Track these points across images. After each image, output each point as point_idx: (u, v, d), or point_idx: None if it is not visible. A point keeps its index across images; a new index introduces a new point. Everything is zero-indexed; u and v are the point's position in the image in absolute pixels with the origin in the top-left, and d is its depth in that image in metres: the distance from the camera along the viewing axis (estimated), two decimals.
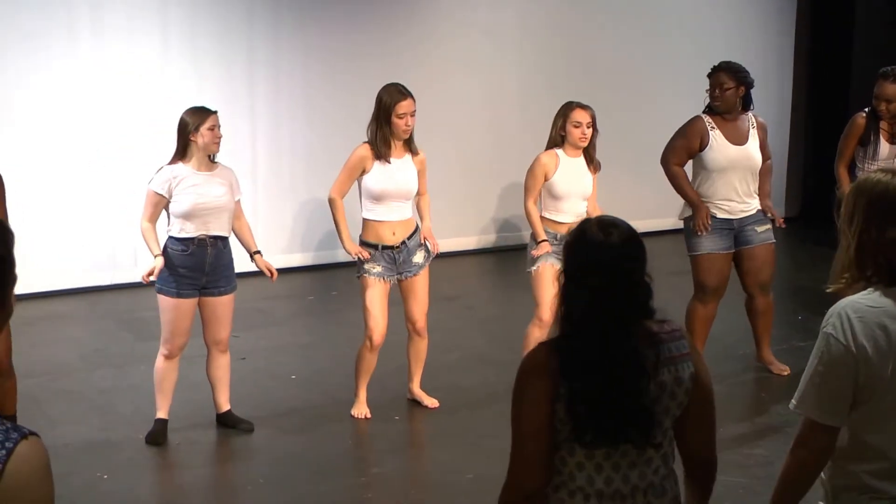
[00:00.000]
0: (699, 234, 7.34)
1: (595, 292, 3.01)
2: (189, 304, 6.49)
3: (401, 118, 6.68)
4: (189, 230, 6.41)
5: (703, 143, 7.30)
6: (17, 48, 9.64)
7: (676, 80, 12.31)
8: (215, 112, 6.50)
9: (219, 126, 6.47)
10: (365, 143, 6.81)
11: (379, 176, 6.73)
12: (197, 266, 6.44)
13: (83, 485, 6.04)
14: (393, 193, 6.77)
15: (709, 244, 7.39)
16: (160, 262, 6.37)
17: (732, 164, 7.29)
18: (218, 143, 6.47)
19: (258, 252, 6.74)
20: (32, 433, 2.16)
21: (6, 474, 2.09)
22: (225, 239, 6.56)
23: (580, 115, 7.02)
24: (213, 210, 6.43)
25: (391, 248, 6.82)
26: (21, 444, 2.11)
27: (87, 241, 10.06)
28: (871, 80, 7.97)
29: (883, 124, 7.78)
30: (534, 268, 7.00)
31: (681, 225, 7.59)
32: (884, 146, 7.79)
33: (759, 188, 7.49)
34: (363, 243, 6.84)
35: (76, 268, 9.99)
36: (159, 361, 6.59)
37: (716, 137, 7.29)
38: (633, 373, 3.00)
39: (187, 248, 6.41)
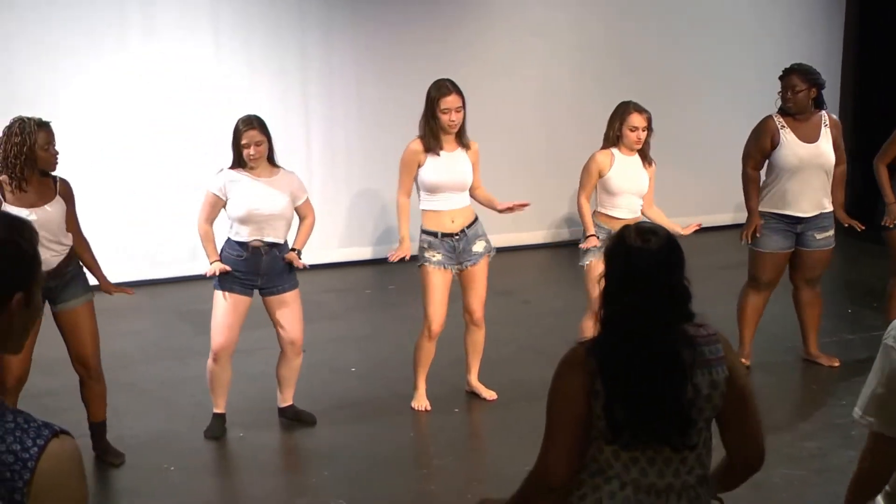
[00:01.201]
0: (757, 234, 7.39)
1: (634, 297, 3.06)
2: (239, 301, 6.53)
3: (445, 113, 6.73)
4: (243, 234, 6.47)
5: (774, 142, 7.31)
6: (69, 46, 9.78)
7: (727, 78, 12.35)
8: (251, 128, 6.43)
9: (255, 142, 6.40)
10: (416, 137, 6.86)
11: (433, 168, 6.79)
12: (251, 269, 6.50)
13: (151, 476, 6.14)
14: (447, 185, 6.82)
15: (771, 243, 7.43)
16: (216, 266, 6.44)
17: (803, 162, 7.28)
18: (254, 158, 6.43)
19: (295, 250, 6.68)
20: (63, 431, 2.15)
21: (38, 473, 2.09)
22: (281, 245, 6.59)
23: (636, 120, 7.05)
24: (267, 217, 6.46)
25: (451, 235, 6.86)
26: (52, 443, 2.11)
27: (146, 236, 10.18)
28: None
29: None
30: (585, 262, 7.04)
31: (735, 221, 7.57)
32: None
33: (833, 199, 7.49)
34: (424, 232, 6.89)
35: (136, 261, 10.12)
36: (209, 363, 6.65)
37: (786, 136, 7.29)
38: (671, 376, 3.05)
39: (242, 253, 6.47)
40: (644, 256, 3.07)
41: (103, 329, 8.13)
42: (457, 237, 6.88)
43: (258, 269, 6.50)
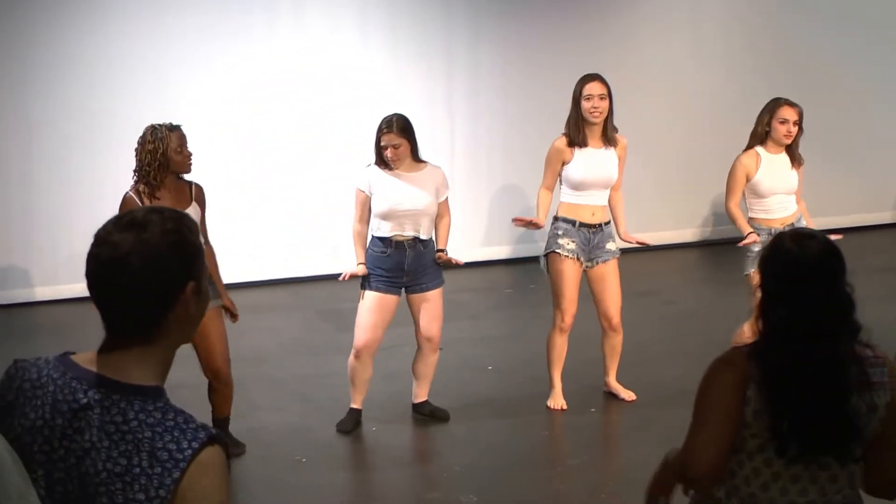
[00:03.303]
0: None
1: (792, 305, 2.97)
2: (384, 300, 6.52)
3: (587, 100, 6.65)
4: (385, 230, 6.48)
5: None
6: (219, 45, 9.97)
7: (883, 76, 11.97)
8: (389, 131, 6.42)
9: (393, 145, 6.40)
10: (561, 135, 6.79)
11: (579, 164, 6.72)
12: (396, 266, 6.50)
13: (283, 466, 6.19)
14: (592, 182, 6.74)
15: None
16: (361, 269, 6.48)
17: None
18: (394, 161, 6.43)
19: (442, 250, 6.68)
20: (217, 439, 2.19)
21: (187, 475, 2.14)
22: (426, 241, 6.57)
23: (787, 112, 6.84)
24: (408, 213, 6.46)
25: (588, 226, 6.77)
26: (206, 449, 2.15)
27: (289, 233, 10.30)
28: None
29: None
30: (749, 271, 6.71)
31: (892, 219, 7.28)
32: None
33: None
34: (560, 219, 6.82)
35: (278, 259, 10.25)
36: (351, 359, 6.65)
37: None
38: (835, 386, 2.94)
39: (385, 249, 6.48)
40: (801, 262, 2.98)
41: (244, 326, 8.27)
42: (594, 229, 6.79)
43: (403, 265, 6.49)
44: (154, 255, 2.21)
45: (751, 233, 6.74)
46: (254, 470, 6.19)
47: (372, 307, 6.52)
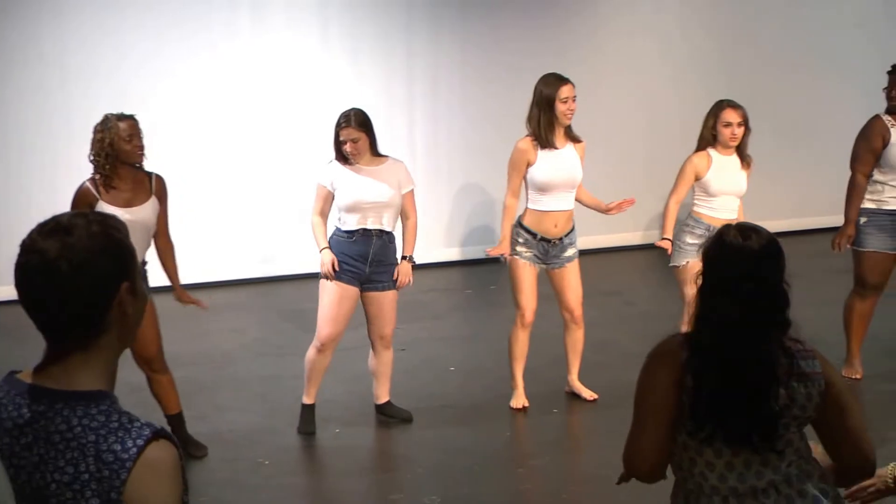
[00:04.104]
0: (848, 245, 7.24)
1: (731, 296, 3.03)
2: (348, 291, 6.52)
3: (564, 102, 6.69)
4: (351, 223, 6.48)
5: (885, 141, 7.13)
6: (178, 43, 9.94)
7: (840, 79, 12.05)
8: (347, 125, 6.45)
9: (351, 139, 6.43)
10: (525, 136, 6.82)
11: (545, 166, 6.75)
12: (361, 254, 6.49)
13: (246, 468, 6.19)
14: (559, 183, 6.78)
15: (876, 242, 7.25)
16: (327, 254, 6.46)
17: None
18: (353, 155, 6.45)
19: (406, 258, 6.71)
20: (164, 434, 2.18)
21: (134, 473, 2.13)
22: (390, 233, 6.59)
23: (731, 115, 6.93)
24: (372, 205, 6.46)
25: (548, 241, 6.82)
26: (151, 445, 2.14)
27: (251, 234, 10.29)
28: None
29: None
30: (677, 263, 6.98)
31: (839, 223, 7.39)
32: None
33: None
34: (521, 226, 6.85)
35: (240, 259, 10.24)
36: (311, 352, 6.65)
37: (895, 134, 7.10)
38: (763, 376, 3.02)
39: (352, 236, 6.48)
40: (744, 254, 3.05)
41: (206, 327, 8.29)
42: (553, 244, 6.86)
43: (368, 254, 6.50)
44: (83, 259, 2.18)
45: (666, 240, 6.96)
46: (217, 472, 6.18)
47: (335, 299, 6.51)
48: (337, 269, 6.45)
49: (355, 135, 6.42)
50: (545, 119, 6.72)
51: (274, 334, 8.77)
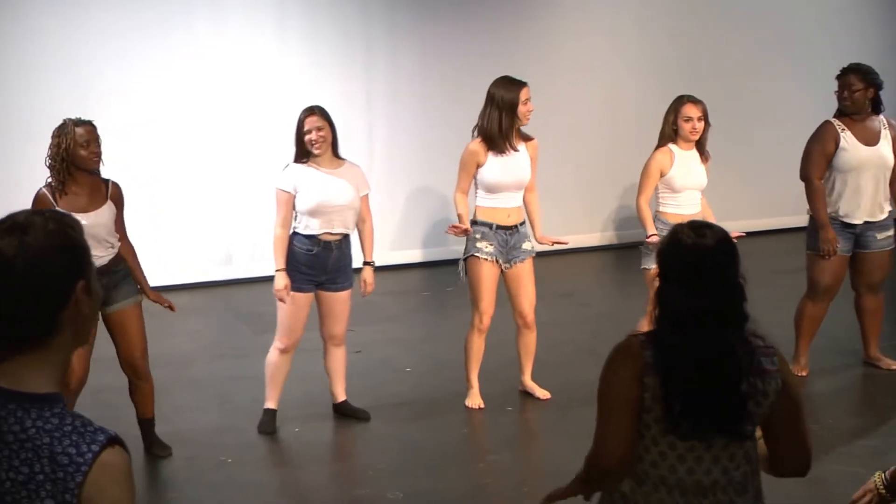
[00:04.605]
0: (837, 245, 7.33)
1: (688, 291, 3.09)
2: (306, 298, 6.59)
3: (524, 104, 6.76)
4: (314, 227, 6.49)
5: (837, 145, 7.27)
6: (137, 44, 9.95)
7: (787, 81, 12.28)
8: (312, 114, 6.50)
9: (316, 127, 6.46)
10: (476, 138, 6.88)
11: (495, 168, 6.82)
12: (320, 265, 6.54)
13: (209, 467, 6.26)
14: (507, 184, 6.86)
15: None
16: (283, 279, 6.43)
17: (863, 163, 7.26)
18: (317, 144, 6.47)
19: (370, 263, 6.79)
20: (117, 440, 2.20)
21: (89, 478, 2.15)
22: (348, 237, 6.65)
23: (690, 110, 7.07)
24: (337, 209, 6.49)
25: (505, 228, 6.90)
26: (106, 451, 2.16)
27: (206, 237, 10.32)
28: None
29: None
30: (647, 266, 7.00)
31: (793, 224, 7.53)
32: None
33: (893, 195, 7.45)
34: (476, 223, 6.92)
35: (196, 263, 10.27)
36: (273, 355, 6.71)
37: (846, 138, 7.27)
38: (727, 367, 3.08)
39: (312, 248, 6.49)
40: (697, 251, 3.11)
41: (165, 329, 8.32)
42: (510, 231, 6.92)
43: (326, 265, 6.55)
44: (39, 257, 2.18)
45: (654, 234, 6.97)
46: (181, 471, 6.24)
47: (293, 310, 6.55)
48: (289, 292, 6.47)
49: (321, 123, 6.45)
50: (507, 122, 6.76)
51: (232, 336, 8.83)
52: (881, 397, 7.29)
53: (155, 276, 9.23)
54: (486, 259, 6.89)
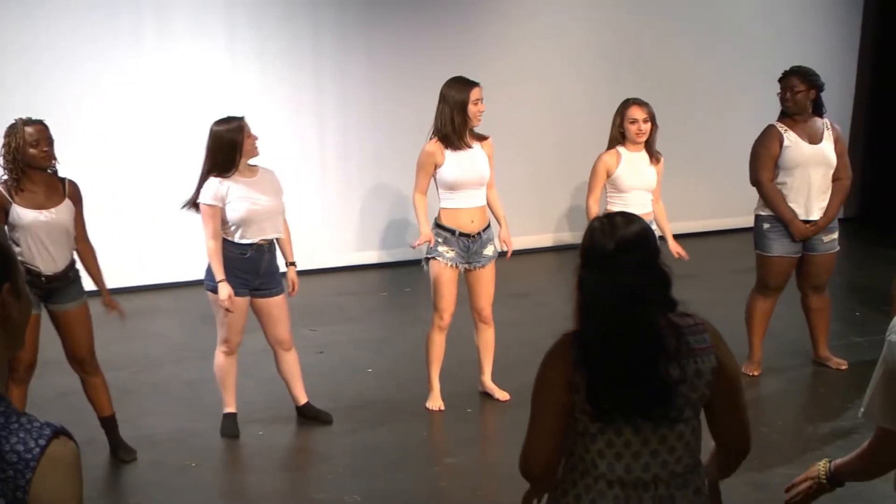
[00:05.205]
0: (769, 238, 7.53)
1: (606, 273, 3.12)
2: (243, 301, 6.66)
3: (475, 105, 6.86)
4: (248, 236, 6.56)
5: (781, 145, 7.44)
6: (85, 53, 9.98)
7: (739, 82, 12.48)
8: (243, 118, 6.60)
9: (254, 136, 6.58)
10: (432, 139, 6.97)
11: (453, 166, 6.92)
12: (253, 268, 6.62)
13: (174, 471, 6.37)
14: (467, 181, 6.95)
15: (779, 248, 7.57)
16: (226, 289, 6.50)
17: (808, 161, 7.42)
18: (255, 152, 6.59)
19: (293, 264, 6.89)
20: (64, 431, 2.24)
21: (38, 472, 2.18)
22: (274, 242, 6.75)
23: (636, 112, 7.29)
24: (266, 214, 6.58)
25: (467, 235, 7.02)
26: (53, 444, 2.20)
27: (168, 239, 10.37)
28: None
29: None
30: None
31: (744, 224, 7.68)
32: None
33: (829, 207, 7.57)
34: (439, 226, 7.02)
35: (159, 264, 10.33)
36: (220, 359, 6.82)
37: (790, 138, 7.43)
38: (650, 351, 3.08)
39: (246, 251, 6.57)
40: (616, 234, 3.14)
41: (130, 331, 8.40)
42: (473, 238, 7.03)
43: (259, 268, 6.64)
44: None
45: None
46: (145, 475, 6.35)
47: (237, 310, 6.63)
48: (233, 300, 6.55)
49: (253, 133, 6.59)
50: (459, 121, 6.85)
51: (197, 338, 8.88)
52: (831, 398, 7.44)
53: (121, 277, 9.41)
54: (447, 264, 7.01)
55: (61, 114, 8.88)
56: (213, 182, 6.53)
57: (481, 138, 7.06)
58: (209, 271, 6.64)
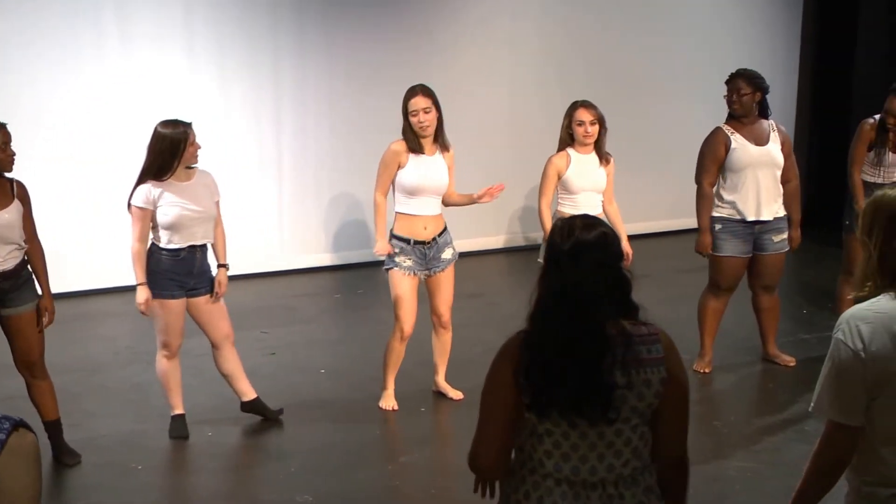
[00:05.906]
0: (721, 239, 7.56)
1: (562, 278, 3.15)
2: (179, 304, 6.57)
3: (413, 115, 6.83)
4: (177, 241, 6.48)
5: (727, 148, 7.46)
6: (46, 58, 9.86)
7: (689, 85, 12.55)
8: (190, 124, 6.55)
9: (197, 143, 6.53)
10: (399, 139, 6.96)
11: (413, 171, 6.89)
12: (186, 270, 6.53)
13: (119, 473, 6.25)
14: (426, 188, 6.92)
15: (730, 248, 7.59)
16: (144, 292, 6.43)
17: (755, 162, 7.44)
18: (196, 158, 6.53)
19: (225, 266, 6.78)
20: (22, 423, 2.26)
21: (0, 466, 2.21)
22: (206, 246, 6.68)
23: (583, 115, 7.32)
24: (197, 220, 6.50)
25: (423, 243, 6.97)
26: (13, 436, 2.23)
27: (118, 243, 10.24)
28: (874, 87, 8.05)
29: (890, 135, 7.75)
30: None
31: (697, 225, 7.70)
32: (890, 155, 7.82)
33: (791, 215, 7.65)
34: (395, 237, 6.98)
35: (109, 267, 10.20)
36: (162, 363, 6.73)
37: (736, 139, 7.46)
38: (594, 352, 3.09)
39: (178, 253, 6.49)
40: (574, 241, 3.15)
41: (77, 334, 8.30)
42: (428, 245, 6.99)
43: (193, 268, 6.56)
44: None
45: None
46: (90, 478, 6.23)
47: (172, 318, 6.58)
48: (149, 306, 6.48)
49: (197, 142, 6.53)
50: (409, 129, 6.88)
51: (145, 342, 8.72)
52: (780, 393, 7.49)
53: (69, 281, 9.28)
54: (406, 273, 6.97)
55: (20, 120, 8.76)
56: (146, 185, 6.46)
57: (444, 149, 7.02)
58: (150, 281, 6.52)
